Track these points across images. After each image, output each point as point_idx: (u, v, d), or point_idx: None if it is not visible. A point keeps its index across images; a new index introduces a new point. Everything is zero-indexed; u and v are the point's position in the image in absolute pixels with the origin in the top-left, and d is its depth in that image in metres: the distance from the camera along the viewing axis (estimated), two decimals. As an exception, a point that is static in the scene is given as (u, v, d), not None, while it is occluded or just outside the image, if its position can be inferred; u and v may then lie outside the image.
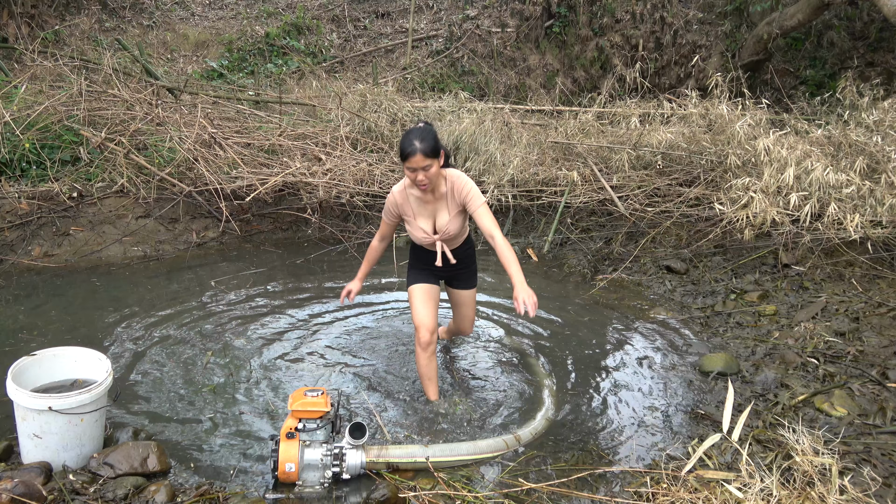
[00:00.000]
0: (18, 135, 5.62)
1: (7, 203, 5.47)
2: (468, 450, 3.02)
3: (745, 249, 5.40)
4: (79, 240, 5.56)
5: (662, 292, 5.13)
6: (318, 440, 2.85)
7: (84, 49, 9.58)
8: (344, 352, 4.14)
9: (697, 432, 3.34)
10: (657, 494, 2.55)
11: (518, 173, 6.15)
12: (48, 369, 3.02)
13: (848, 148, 5.43)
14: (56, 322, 4.36)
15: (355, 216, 6.29)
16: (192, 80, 8.88)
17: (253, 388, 3.68)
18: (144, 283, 5.09)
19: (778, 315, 4.52)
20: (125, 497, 2.62)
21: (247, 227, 6.16)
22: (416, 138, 3.08)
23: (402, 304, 4.87)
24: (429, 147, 3.07)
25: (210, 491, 2.72)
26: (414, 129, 3.15)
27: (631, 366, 4.06)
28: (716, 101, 6.32)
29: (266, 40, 10.99)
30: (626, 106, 7.15)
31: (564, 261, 5.81)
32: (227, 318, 4.53)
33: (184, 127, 6.16)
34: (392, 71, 10.61)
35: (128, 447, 2.87)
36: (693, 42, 9.49)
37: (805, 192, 4.88)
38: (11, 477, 2.54)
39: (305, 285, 5.20)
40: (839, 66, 9.21)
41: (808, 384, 3.64)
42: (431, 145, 3.09)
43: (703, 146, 6.12)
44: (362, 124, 7.03)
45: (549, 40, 10.29)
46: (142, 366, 3.84)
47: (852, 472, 2.78)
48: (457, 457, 2.98)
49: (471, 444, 3.06)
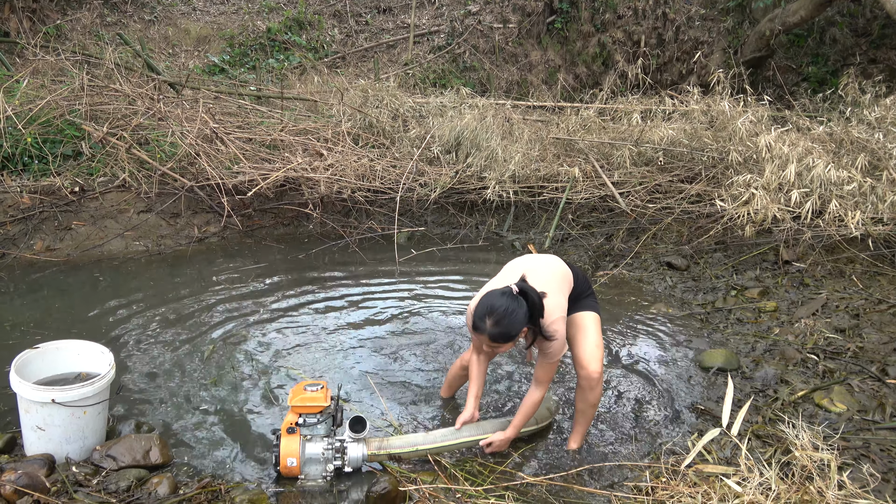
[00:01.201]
0: (20, 129, 5.63)
1: (9, 197, 5.47)
2: (470, 432, 3.03)
3: (746, 246, 5.41)
4: (81, 234, 5.58)
5: (663, 289, 5.14)
6: (319, 434, 2.86)
7: (86, 44, 9.57)
8: (345, 346, 4.15)
9: (697, 427, 3.36)
10: (656, 488, 2.56)
11: (519, 169, 6.15)
12: (51, 362, 3.03)
13: (850, 145, 5.43)
14: (58, 316, 4.38)
15: (357, 212, 6.30)
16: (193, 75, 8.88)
17: (254, 381, 3.69)
18: (146, 278, 5.11)
19: (778, 311, 4.53)
20: (128, 489, 2.64)
21: (248, 222, 6.17)
22: (489, 318, 2.63)
23: (403, 300, 4.89)
24: (500, 335, 2.66)
25: (212, 483, 2.74)
26: (488, 306, 2.66)
27: (631, 361, 4.07)
28: (717, 97, 6.31)
29: (267, 35, 10.98)
30: (627, 102, 7.14)
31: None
32: (228, 313, 4.55)
33: (185, 122, 6.16)
34: (394, 66, 10.60)
35: (130, 440, 2.89)
36: (695, 38, 9.48)
37: (806, 189, 4.88)
38: (15, 468, 2.56)
39: (307, 280, 5.21)
40: (841, 62, 9.19)
41: (808, 380, 3.65)
42: (504, 334, 2.66)
43: (705, 143, 6.12)
44: (364, 120, 7.03)
45: (550, 36, 10.28)
46: (144, 359, 3.86)
47: (851, 468, 2.80)
48: (457, 440, 2.98)
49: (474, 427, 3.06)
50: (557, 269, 3.04)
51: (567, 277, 3.04)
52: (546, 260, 3.12)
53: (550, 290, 2.81)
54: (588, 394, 3.02)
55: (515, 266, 3.06)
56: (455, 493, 2.70)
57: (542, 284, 2.80)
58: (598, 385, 3.00)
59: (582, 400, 3.07)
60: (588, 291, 3.16)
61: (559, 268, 3.05)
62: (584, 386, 3.01)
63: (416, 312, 4.66)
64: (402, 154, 6.60)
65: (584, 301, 3.11)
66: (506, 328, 2.63)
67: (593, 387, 2.99)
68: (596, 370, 2.96)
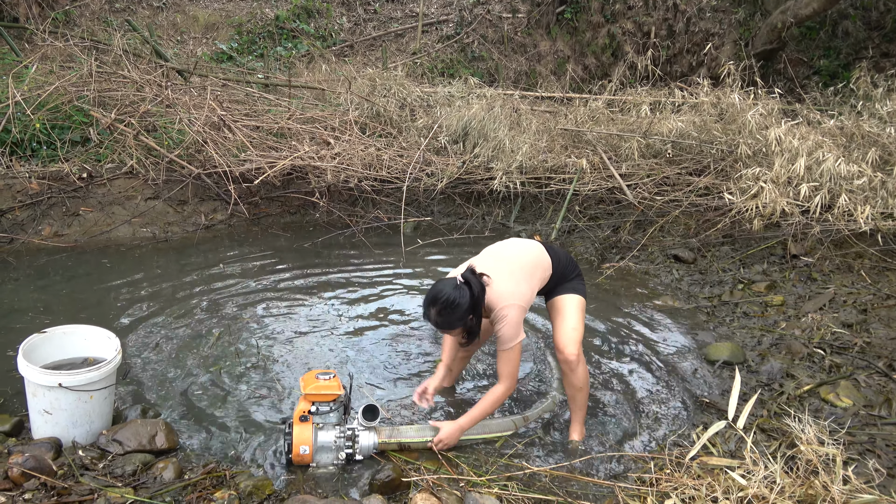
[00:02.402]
0: (29, 115, 5.64)
1: (18, 183, 5.50)
2: (478, 429, 3.05)
3: (754, 240, 5.38)
4: (88, 220, 5.60)
5: (669, 281, 5.12)
6: (330, 423, 2.87)
7: (94, 30, 9.57)
8: (350, 334, 4.16)
9: (702, 420, 3.35)
10: (660, 480, 2.56)
11: (527, 160, 6.13)
12: (58, 347, 3.05)
13: (860, 139, 5.38)
14: (66, 301, 4.40)
15: (363, 200, 6.29)
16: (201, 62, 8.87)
17: (260, 368, 3.70)
18: (153, 264, 5.12)
19: (785, 306, 4.51)
20: (133, 473, 2.66)
21: (255, 210, 6.18)
22: (433, 307, 2.74)
23: (408, 289, 4.89)
24: (442, 323, 2.76)
25: (217, 469, 2.75)
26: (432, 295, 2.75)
27: (636, 353, 4.06)
28: (728, 89, 6.27)
29: (276, 23, 10.96)
30: (636, 94, 7.10)
31: (572, 248, 5.80)
32: (234, 300, 4.56)
33: (193, 109, 6.16)
34: (402, 55, 10.56)
35: (136, 424, 2.90)
36: (706, 30, 9.40)
37: (816, 183, 4.85)
38: (22, 451, 2.58)
39: (313, 269, 5.22)
40: (854, 56, 9.10)
41: (814, 375, 3.64)
42: (445, 322, 2.75)
43: (714, 135, 6.07)
44: (371, 109, 7.02)
45: (560, 26, 10.22)
46: (150, 345, 3.88)
47: (856, 463, 2.79)
48: (466, 436, 3.00)
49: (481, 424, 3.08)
50: (527, 255, 3.02)
51: (540, 264, 3.01)
52: (517, 246, 3.09)
53: (506, 277, 2.85)
54: (571, 377, 3.02)
55: (487, 251, 3.10)
56: (458, 482, 2.71)
57: (498, 270, 2.85)
58: (579, 367, 2.99)
59: (568, 385, 3.07)
60: (573, 275, 3.14)
61: (530, 254, 3.03)
62: (565, 370, 3.03)
63: (420, 302, 4.65)
64: (410, 143, 6.58)
65: (566, 284, 3.10)
66: (447, 317, 2.73)
67: (573, 369, 2.99)
68: (572, 353, 2.96)
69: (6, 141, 5.64)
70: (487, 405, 2.92)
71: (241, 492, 2.58)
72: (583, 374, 3.04)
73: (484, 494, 2.55)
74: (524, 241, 3.17)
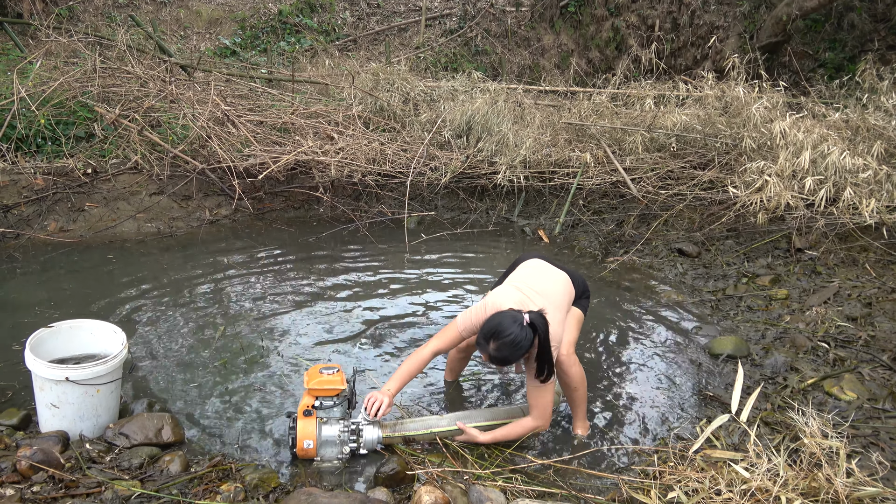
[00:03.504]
0: (34, 110, 5.66)
1: (23, 178, 5.52)
2: (485, 416, 3.06)
3: (758, 233, 5.37)
4: (93, 215, 5.62)
5: (674, 275, 5.12)
6: (334, 417, 2.89)
7: (98, 25, 9.58)
8: (353, 329, 4.17)
9: (705, 413, 3.35)
10: (664, 473, 2.57)
11: (530, 154, 6.12)
12: (65, 341, 3.07)
13: (866, 132, 5.35)
14: (72, 296, 4.42)
15: (367, 195, 6.30)
16: (205, 57, 8.87)
17: (264, 362, 3.72)
18: (158, 259, 5.14)
19: (789, 299, 4.50)
20: (140, 466, 2.68)
21: (259, 205, 6.19)
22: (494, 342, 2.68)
23: (411, 284, 4.90)
24: (500, 359, 2.73)
25: (223, 462, 2.77)
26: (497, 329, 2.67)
27: (640, 347, 4.07)
28: (732, 83, 6.24)
29: (279, 18, 10.94)
30: (640, 87, 7.08)
31: (575, 242, 5.80)
32: (239, 295, 4.58)
33: (197, 104, 6.16)
34: (405, 50, 10.55)
35: (143, 418, 2.93)
36: (710, 23, 9.36)
37: (820, 177, 4.83)
38: (30, 445, 2.60)
39: (316, 263, 5.23)
40: (859, 48, 9.05)
41: (818, 368, 3.64)
42: (503, 358, 2.72)
43: (719, 129, 6.05)
44: (375, 103, 7.01)
45: (563, 20, 10.18)
46: (156, 340, 3.90)
47: (860, 456, 2.79)
48: (474, 424, 3.01)
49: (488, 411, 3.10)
50: (564, 292, 3.09)
51: (569, 296, 3.13)
52: (556, 282, 3.11)
53: (553, 318, 2.84)
54: (565, 378, 3.07)
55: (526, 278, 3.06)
56: (463, 475, 2.72)
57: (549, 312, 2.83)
58: (572, 367, 3.04)
59: (564, 386, 3.13)
60: (583, 297, 3.27)
61: (566, 291, 3.11)
62: (559, 371, 3.06)
63: (424, 297, 4.67)
64: (413, 138, 6.58)
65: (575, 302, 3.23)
66: (507, 355, 2.69)
67: (566, 370, 3.04)
68: (563, 353, 3.00)
69: (11, 137, 5.66)
70: (513, 433, 2.95)
71: (247, 484, 2.60)
72: (577, 374, 3.07)
73: (488, 487, 2.56)
74: (556, 273, 3.16)
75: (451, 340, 2.99)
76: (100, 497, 2.43)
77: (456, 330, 2.95)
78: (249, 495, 2.55)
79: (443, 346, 3.00)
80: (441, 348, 3.00)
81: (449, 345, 3.01)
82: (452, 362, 3.55)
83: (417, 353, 2.99)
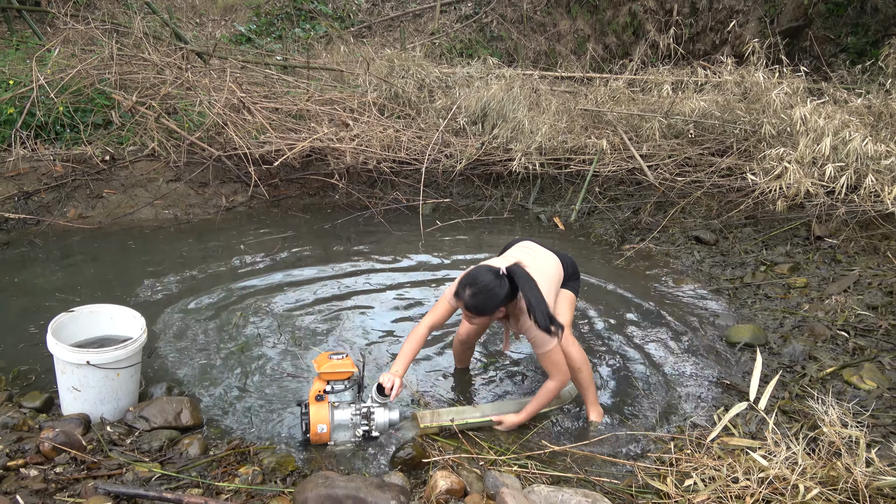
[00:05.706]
0: (53, 98, 5.70)
1: (43, 165, 5.57)
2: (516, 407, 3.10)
3: (777, 221, 5.31)
4: (112, 202, 5.67)
5: (690, 263, 5.08)
6: (346, 401, 2.91)
7: (114, 13, 9.62)
8: (368, 316, 4.19)
9: (722, 401, 3.34)
10: (680, 460, 2.56)
11: (546, 141, 6.08)
12: (86, 325, 3.11)
13: (889, 118, 5.26)
14: (92, 281, 4.48)
15: (382, 182, 6.30)
16: (220, 44, 8.89)
17: (280, 347, 3.75)
18: (176, 245, 5.19)
19: (808, 288, 4.45)
20: (160, 449, 2.72)
21: (275, 191, 6.22)
22: (469, 288, 2.80)
23: (426, 271, 4.90)
24: (475, 307, 2.81)
25: (241, 445, 2.80)
26: (472, 277, 2.82)
27: (657, 335, 4.05)
28: (752, 68, 6.14)
29: (294, 4, 10.92)
30: (658, 73, 6.99)
31: (591, 230, 5.77)
32: (255, 281, 4.61)
33: (213, 91, 6.18)
34: (420, 36, 10.49)
35: (162, 402, 2.96)
36: (730, 7, 9.20)
37: (842, 164, 4.76)
38: (53, 427, 2.64)
39: (332, 250, 5.25)
40: (882, 32, 8.85)
41: (837, 357, 3.60)
42: (479, 306, 2.81)
43: (737, 115, 5.97)
44: (390, 90, 6.99)
45: (580, 5, 10.06)
46: (174, 324, 3.94)
47: (879, 445, 2.77)
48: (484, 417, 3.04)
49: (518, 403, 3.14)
50: (553, 270, 3.15)
51: (559, 275, 3.18)
52: (545, 260, 3.18)
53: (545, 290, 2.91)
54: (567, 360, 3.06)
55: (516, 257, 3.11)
56: (478, 460, 2.73)
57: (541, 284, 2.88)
58: (570, 347, 3.06)
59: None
60: (573, 278, 3.30)
61: (555, 269, 3.17)
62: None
63: (439, 283, 4.67)
64: (428, 125, 6.56)
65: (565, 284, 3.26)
66: (482, 302, 2.79)
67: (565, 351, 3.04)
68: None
69: (31, 124, 5.72)
70: (543, 401, 3.02)
71: (264, 468, 2.63)
72: (577, 355, 3.09)
73: (504, 472, 2.57)
74: (546, 253, 3.23)
75: (443, 313, 3.04)
76: (121, 478, 2.47)
77: (446, 301, 3.02)
78: (267, 478, 2.58)
79: (436, 319, 3.05)
80: (435, 322, 3.05)
81: (442, 317, 3.06)
82: (458, 354, 3.58)
83: (414, 331, 3.05)
